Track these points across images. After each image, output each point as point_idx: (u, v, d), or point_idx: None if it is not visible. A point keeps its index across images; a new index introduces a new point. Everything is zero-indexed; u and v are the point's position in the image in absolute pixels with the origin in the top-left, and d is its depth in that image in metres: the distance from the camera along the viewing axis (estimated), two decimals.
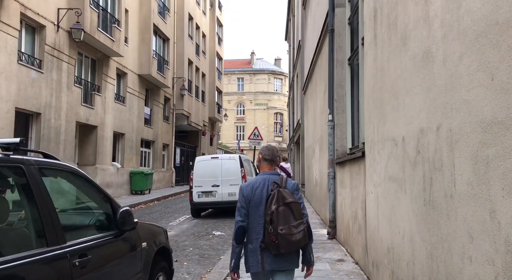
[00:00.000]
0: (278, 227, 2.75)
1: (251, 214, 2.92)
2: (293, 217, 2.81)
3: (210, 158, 11.44)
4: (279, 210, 2.79)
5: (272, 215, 2.79)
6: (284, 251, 2.80)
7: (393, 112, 4.00)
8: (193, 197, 11.03)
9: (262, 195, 2.92)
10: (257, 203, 2.91)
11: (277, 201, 2.82)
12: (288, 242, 2.76)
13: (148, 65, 19.11)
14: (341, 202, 7.17)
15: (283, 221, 2.77)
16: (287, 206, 2.81)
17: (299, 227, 2.80)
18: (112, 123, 16.62)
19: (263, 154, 3.16)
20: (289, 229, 2.76)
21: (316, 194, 11.23)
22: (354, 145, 7.07)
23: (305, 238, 2.83)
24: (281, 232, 2.74)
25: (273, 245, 2.78)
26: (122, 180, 17.44)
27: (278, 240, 2.75)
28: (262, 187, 2.95)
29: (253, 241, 2.90)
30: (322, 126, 9.69)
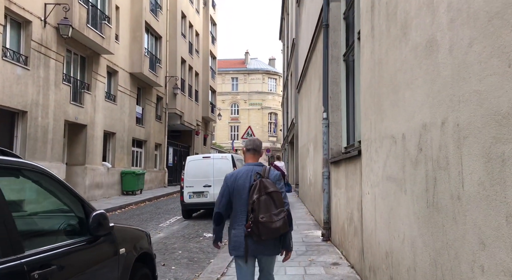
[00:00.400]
0: (259, 215, 2.93)
1: (235, 203, 3.12)
2: (274, 206, 2.99)
3: (202, 157, 11.14)
4: (261, 199, 2.97)
5: (253, 204, 2.97)
6: (264, 238, 2.98)
7: (392, 108, 3.75)
8: (184, 198, 10.73)
9: (245, 184, 3.10)
10: (240, 192, 3.09)
11: (259, 190, 2.99)
12: (269, 229, 2.94)
13: (139, 63, 18.77)
14: (336, 202, 6.92)
15: (265, 209, 2.96)
16: (268, 195, 2.99)
17: (280, 215, 2.98)
18: (102, 122, 16.26)
19: (245, 145, 3.38)
20: (270, 217, 2.94)
21: (310, 195, 10.99)
22: (350, 144, 6.83)
23: (285, 225, 3.00)
24: (262, 220, 2.92)
25: (255, 232, 2.95)
26: (112, 180, 17.08)
27: (259, 228, 2.93)
28: (245, 177, 3.13)
29: (236, 227, 3.10)
30: (317, 124, 9.44)
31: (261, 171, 3.15)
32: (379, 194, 4.19)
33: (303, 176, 13.12)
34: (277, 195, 3.02)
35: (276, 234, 3.00)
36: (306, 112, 12.13)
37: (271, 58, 63.68)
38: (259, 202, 2.97)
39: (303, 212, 11.28)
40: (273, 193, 3.01)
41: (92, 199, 15.34)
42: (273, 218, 2.95)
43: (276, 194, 3.02)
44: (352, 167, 5.64)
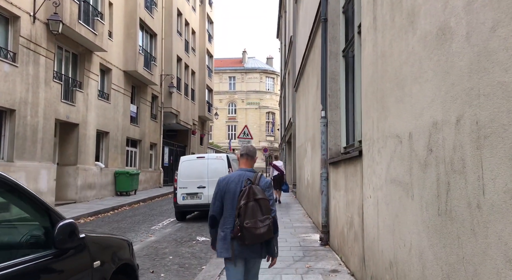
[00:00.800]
0: (244, 221, 3.01)
1: (226, 206, 3.20)
2: (261, 212, 3.05)
3: (196, 157, 10.79)
4: (248, 205, 3.05)
5: (240, 210, 3.04)
6: (248, 243, 3.04)
7: (397, 105, 3.43)
8: (178, 199, 10.39)
9: (236, 189, 3.19)
10: (231, 196, 3.18)
11: (247, 196, 3.07)
12: (252, 235, 3.01)
13: (134, 61, 18.39)
14: (334, 205, 6.60)
15: (251, 215, 3.03)
16: (256, 202, 3.06)
17: (265, 221, 3.05)
18: (95, 121, 15.89)
19: (240, 151, 3.52)
20: (255, 223, 3.02)
21: (308, 196, 10.66)
22: (349, 144, 6.52)
23: (269, 232, 3.07)
24: (246, 226, 3.00)
25: (239, 237, 3.04)
26: (106, 181, 16.71)
27: (243, 233, 3.01)
28: (236, 182, 3.22)
29: (224, 230, 3.17)
30: (315, 123, 9.12)
31: (252, 177, 3.24)
32: (383, 198, 3.87)
33: (301, 176, 12.81)
34: (264, 202, 3.10)
35: (260, 239, 3.07)
36: (304, 111, 11.81)
37: (268, 57, 63.41)
38: (246, 208, 3.05)
39: (300, 214, 10.96)
40: (261, 200, 3.09)
41: (84, 200, 14.98)
42: (258, 224, 3.03)
43: (263, 201, 3.10)
44: (352, 168, 5.32)
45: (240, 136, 15.63)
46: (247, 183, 3.17)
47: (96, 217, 12.15)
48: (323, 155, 7.27)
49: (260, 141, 55.37)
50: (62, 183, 14.38)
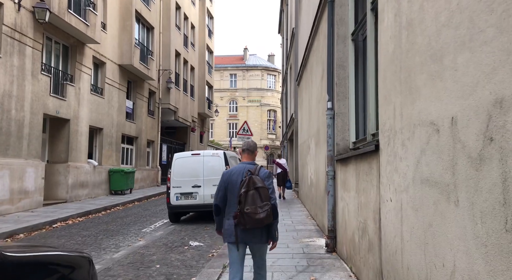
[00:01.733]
0: (245, 207, 3.30)
1: (229, 196, 3.53)
2: (260, 199, 3.33)
3: (191, 154, 10.03)
4: (248, 193, 3.34)
5: (240, 197, 3.35)
6: (249, 227, 3.34)
7: (432, 83, 2.66)
8: (171, 200, 9.63)
9: (237, 180, 3.50)
10: (233, 187, 3.50)
11: (247, 185, 3.37)
12: (252, 220, 3.29)
13: (129, 54, 17.64)
14: (343, 208, 5.84)
15: (251, 202, 3.31)
16: (256, 190, 3.35)
17: (264, 207, 3.32)
18: (87, 116, 15.14)
19: (242, 146, 3.82)
20: (255, 209, 3.30)
21: (312, 196, 9.90)
22: (359, 138, 5.76)
23: (268, 217, 3.33)
24: (247, 211, 3.29)
25: (241, 221, 3.34)
26: (99, 179, 15.98)
27: (244, 217, 3.30)
28: (238, 173, 3.55)
29: (229, 217, 3.49)
30: (319, 117, 8.36)
31: (252, 169, 3.55)
32: (409, 202, 3.10)
33: (303, 175, 12.05)
34: (263, 190, 3.38)
35: (260, 224, 3.34)
36: (307, 105, 11.03)
37: (270, 54, 62.71)
38: (246, 196, 3.35)
39: (303, 215, 10.20)
40: (260, 188, 3.38)
41: (76, 200, 14.26)
42: (257, 210, 3.31)
43: (263, 189, 3.38)
44: (365, 165, 4.55)
45: (239, 133, 14.83)
46: (248, 174, 3.47)
47: (86, 217, 11.42)
48: (329, 151, 6.51)
49: (261, 139, 54.63)
50: (52, 181, 13.66)
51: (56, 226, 9.92)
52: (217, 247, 7.02)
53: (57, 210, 11.73)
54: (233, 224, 3.43)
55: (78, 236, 8.35)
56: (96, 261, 6.13)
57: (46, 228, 9.63)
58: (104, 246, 7.32)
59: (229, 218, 3.50)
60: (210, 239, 7.83)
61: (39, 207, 12.12)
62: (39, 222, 9.78)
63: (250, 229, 3.38)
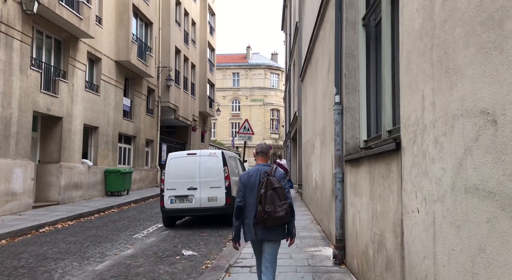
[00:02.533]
0: (265, 206, 3.58)
1: (247, 197, 3.79)
2: (278, 199, 3.62)
3: (186, 154, 9.35)
4: (267, 193, 3.61)
5: (261, 197, 3.62)
6: (270, 225, 3.62)
7: (484, 58, 1.97)
8: (165, 203, 8.95)
9: (255, 182, 3.77)
10: (252, 188, 3.77)
11: (266, 186, 3.64)
12: (273, 218, 3.58)
13: (126, 50, 16.99)
14: (353, 215, 5.13)
15: (270, 201, 3.59)
16: (274, 190, 3.63)
17: (283, 206, 3.60)
18: (82, 114, 14.51)
19: (255, 149, 4.06)
20: (274, 208, 3.58)
21: (317, 200, 9.20)
22: (371, 136, 5.07)
23: (287, 215, 3.63)
24: (268, 210, 3.57)
25: (262, 220, 3.60)
26: (94, 180, 15.34)
27: (265, 216, 3.58)
28: (255, 175, 3.81)
29: (248, 217, 3.76)
30: (325, 113, 7.66)
31: (268, 170, 3.77)
32: (446, 216, 2.40)
33: (308, 176, 11.36)
34: (281, 190, 3.63)
35: (279, 221, 3.61)
36: (311, 101, 10.33)
37: (273, 53, 62.05)
38: (266, 196, 3.58)
39: (307, 220, 9.50)
40: (277, 188, 3.62)
41: (69, 202, 13.63)
42: (277, 208, 3.56)
43: (280, 189, 3.63)
44: (382, 167, 3.85)
45: (240, 132, 14.08)
46: (265, 175, 3.69)
47: (77, 221, 10.78)
48: (337, 151, 5.81)
49: (264, 139, 53.91)
50: (44, 182, 13.03)
51: (44, 231, 9.28)
52: (212, 257, 6.34)
53: (46, 213, 11.10)
54: (252, 224, 3.69)
55: (63, 242, 7.69)
56: (75, 274, 5.47)
57: (32, 233, 8.99)
58: (88, 255, 6.66)
59: (247, 217, 3.75)
60: (205, 247, 7.14)
61: (28, 210, 11.49)
62: (25, 226, 9.14)
63: (270, 227, 3.64)
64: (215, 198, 8.79)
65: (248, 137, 14.14)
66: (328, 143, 7.28)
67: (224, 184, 8.87)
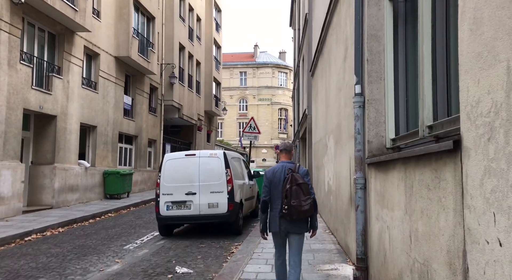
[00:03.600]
0: (291, 200, 3.83)
1: (273, 191, 4.05)
2: (303, 194, 3.88)
3: (185, 155, 8.44)
4: (292, 188, 3.86)
5: (287, 192, 3.87)
6: (295, 218, 3.86)
7: None
8: (160, 209, 8.05)
9: (280, 178, 4.03)
10: (277, 183, 4.03)
11: (291, 182, 3.89)
12: (298, 211, 3.83)
13: (126, 45, 16.16)
14: (380, 231, 4.17)
15: (295, 196, 3.84)
16: (298, 186, 3.88)
17: (307, 201, 3.87)
18: (78, 113, 13.69)
19: (279, 147, 4.44)
20: (299, 202, 3.84)
21: (330, 206, 8.23)
22: (401, 134, 4.14)
23: (311, 209, 3.90)
24: (293, 204, 3.83)
25: (288, 213, 3.84)
26: (92, 182, 14.52)
27: (291, 210, 3.82)
28: (280, 171, 4.06)
29: (273, 210, 4.04)
30: (340, 109, 6.69)
31: (292, 167, 4.06)
32: None
33: (319, 179, 10.39)
34: (305, 186, 3.91)
35: (304, 215, 3.89)
36: (323, 96, 9.36)
37: (281, 51, 61.08)
38: (291, 191, 3.86)
39: (319, 229, 8.50)
40: (302, 184, 3.90)
41: (63, 205, 12.82)
42: (302, 203, 3.83)
43: (304, 185, 3.91)
44: (427, 174, 2.88)
45: (245, 131, 13.07)
46: (289, 172, 3.97)
47: (69, 227, 9.95)
48: (357, 151, 4.85)
49: (272, 139, 52.99)
50: (37, 185, 12.24)
51: (30, 239, 8.45)
52: (209, 275, 5.42)
53: (36, 219, 10.28)
54: (277, 216, 3.94)
55: (44, 255, 6.83)
56: None
57: (16, 242, 8.16)
58: (68, 271, 5.78)
59: (273, 210, 4.01)
60: (203, 262, 6.22)
61: (18, 215, 10.68)
62: (9, 234, 8.31)
63: (294, 220, 3.86)
64: (216, 204, 7.87)
65: (254, 137, 13.14)
66: (344, 142, 6.32)
67: (226, 188, 7.94)
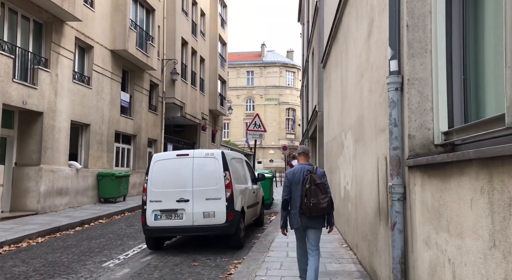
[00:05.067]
0: (310, 199, 4.24)
1: (293, 191, 4.47)
2: (321, 193, 4.28)
3: (176, 155, 7.23)
4: (311, 188, 4.27)
5: (306, 191, 4.28)
6: (314, 214, 4.30)
7: None
8: (147, 219, 6.84)
9: (300, 178, 4.44)
10: (297, 183, 4.44)
11: (310, 182, 4.30)
12: (317, 208, 4.25)
13: (123, 38, 15.04)
14: (434, 262, 2.90)
15: (314, 195, 4.25)
16: (316, 185, 4.29)
17: (325, 199, 4.28)
18: (68, 109, 12.59)
19: (297, 151, 4.88)
20: (318, 200, 4.24)
21: (348, 215, 6.96)
22: (457, 126, 2.92)
23: (328, 206, 4.32)
24: (313, 202, 4.23)
25: (308, 210, 4.27)
26: (85, 185, 13.41)
27: (311, 207, 4.24)
28: (299, 173, 4.48)
29: (294, 208, 4.46)
30: (363, 98, 5.44)
31: (311, 169, 4.48)
32: None
33: (333, 183, 9.14)
34: (322, 186, 4.31)
35: (323, 212, 4.31)
36: (338, 87, 8.10)
37: (289, 50, 59.96)
38: (310, 190, 4.26)
39: (334, 242, 7.25)
40: (319, 184, 4.29)
41: (51, 211, 11.70)
42: (320, 201, 4.23)
43: (322, 184, 4.31)
44: None
45: (250, 129, 11.81)
46: (308, 173, 4.38)
47: (51, 236, 8.82)
48: (394, 149, 3.60)
49: (279, 139, 51.75)
50: (21, 189, 11.14)
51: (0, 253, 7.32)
52: None
53: (14, 227, 9.16)
54: (298, 213, 4.39)
55: (3, 276, 5.67)
56: None
57: None
58: None
59: (293, 208, 4.46)
60: None
61: None
62: None
63: (314, 216, 4.32)
64: (212, 214, 6.65)
65: (260, 135, 11.86)
66: (369, 139, 5.07)
67: (225, 194, 6.72)
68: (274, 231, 8.40)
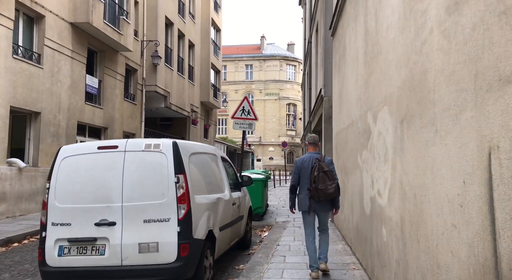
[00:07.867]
0: (318, 185, 4.65)
1: (302, 177, 4.88)
2: (328, 179, 4.69)
3: (97, 148, 4.42)
4: (319, 175, 4.67)
5: (315, 178, 4.69)
6: (322, 199, 4.72)
7: None
8: (46, 254, 4.10)
9: (308, 165, 4.84)
10: (306, 170, 4.84)
11: (318, 169, 4.70)
12: (325, 194, 4.67)
13: (85, 8, 12.32)
14: None
15: (322, 181, 4.66)
16: (324, 173, 4.68)
17: (332, 185, 4.69)
18: (7, 92, 9.90)
19: (307, 140, 5.25)
20: (326, 186, 4.66)
21: (378, 246, 4.18)
22: None
23: (335, 191, 4.73)
24: (320, 188, 4.65)
25: (316, 195, 4.70)
26: (32, 188, 10.72)
27: (319, 192, 4.66)
28: (308, 161, 4.87)
29: (302, 192, 4.89)
30: (409, 51, 2.71)
31: (319, 157, 4.88)
32: None
33: (347, 190, 6.41)
34: (330, 173, 4.72)
35: (329, 196, 4.73)
36: (360, 46, 5.33)
37: (289, 43, 57.46)
38: (319, 177, 4.66)
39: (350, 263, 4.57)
40: (327, 171, 4.70)
41: None
42: (327, 186, 4.64)
43: (329, 172, 4.72)
44: None
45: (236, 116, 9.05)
46: (316, 161, 4.78)
47: None
48: None
49: (279, 136, 49.07)
50: None
51: None
52: None
53: None
54: (307, 197, 4.81)
55: None
56: None
57: None
58: None
59: (302, 193, 4.89)
60: None
61: None
62: None
63: (322, 201, 4.74)
64: (153, 246, 3.92)
65: (249, 124, 9.07)
66: (453, 111, 2.36)
67: (177, 213, 4.00)
68: (264, 260, 5.64)
